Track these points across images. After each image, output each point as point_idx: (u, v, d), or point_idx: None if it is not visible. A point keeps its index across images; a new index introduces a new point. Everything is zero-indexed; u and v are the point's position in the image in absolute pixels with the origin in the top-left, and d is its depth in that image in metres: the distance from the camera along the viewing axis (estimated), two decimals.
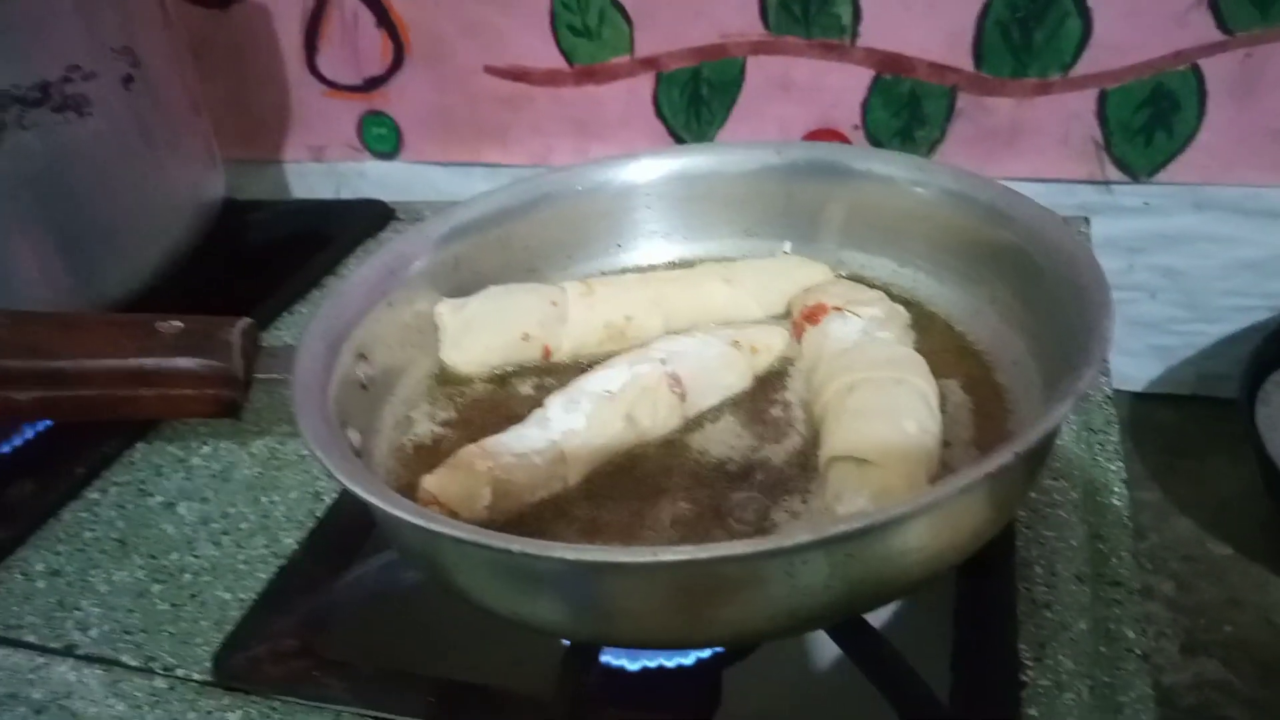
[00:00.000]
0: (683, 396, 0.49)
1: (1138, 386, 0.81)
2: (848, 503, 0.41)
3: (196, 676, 0.47)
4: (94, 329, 0.49)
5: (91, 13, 0.63)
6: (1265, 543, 0.68)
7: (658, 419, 0.48)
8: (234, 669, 0.47)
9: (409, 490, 0.45)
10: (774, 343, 0.53)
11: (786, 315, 0.55)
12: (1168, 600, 0.65)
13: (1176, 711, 0.58)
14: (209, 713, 0.46)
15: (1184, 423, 0.79)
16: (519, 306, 0.55)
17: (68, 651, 0.50)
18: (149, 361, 0.47)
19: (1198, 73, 0.70)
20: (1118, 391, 0.63)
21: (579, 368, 0.52)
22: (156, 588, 0.53)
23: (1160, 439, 0.77)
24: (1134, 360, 0.80)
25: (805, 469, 0.46)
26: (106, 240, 0.66)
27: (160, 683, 0.48)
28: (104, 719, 0.46)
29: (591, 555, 0.33)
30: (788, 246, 0.60)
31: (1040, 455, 0.42)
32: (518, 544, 0.34)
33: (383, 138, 0.93)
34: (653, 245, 0.62)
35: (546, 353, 0.54)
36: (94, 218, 0.65)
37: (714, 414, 0.50)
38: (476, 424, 0.51)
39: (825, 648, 0.56)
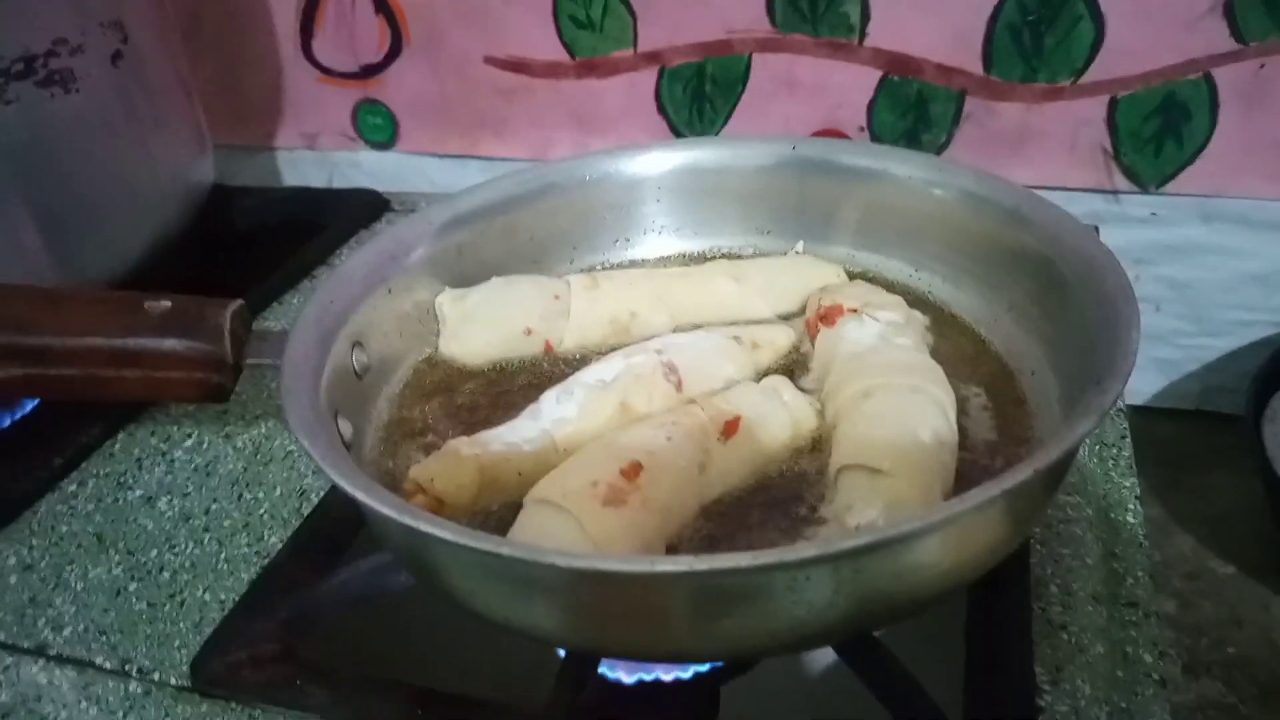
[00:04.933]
0: (678, 385, 0.47)
1: (1140, 400, 0.80)
2: (858, 514, 0.40)
3: (173, 681, 0.45)
4: (79, 305, 0.47)
5: None
6: (1267, 560, 0.67)
7: (653, 407, 0.46)
8: (212, 674, 0.45)
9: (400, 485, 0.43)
10: (777, 339, 0.52)
11: (799, 314, 0.54)
12: (1170, 619, 0.64)
13: None
14: None
15: (1185, 437, 0.78)
16: (521, 299, 0.53)
17: (39, 651, 0.47)
18: (133, 342, 0.45)
19: (1210, 82, 0.69)
20: None
21: (582, 363, 0.51)
22: (134, 586, 0.51)
23: (1162, 454, 0.76)
24: (1137, 373, 0.78)
25: (812, 473, 0.44)
26: (88, 221, 0.64)
27: (135, 687, 0.46)
28: None
29: (585, 563, 0.31)
30: (800, 245, 0.58)
31: (1060, 472, 0.40)
32: (508, 547, 0.32)
33: (378, 127, 0.91)
34: (661, 240, 0.60)
35: (548, 348, 0.53)
36: (76, 197, 0.63)
37: None
38: (474, 418, 0.49)
39: (825, 661, 0.54)
